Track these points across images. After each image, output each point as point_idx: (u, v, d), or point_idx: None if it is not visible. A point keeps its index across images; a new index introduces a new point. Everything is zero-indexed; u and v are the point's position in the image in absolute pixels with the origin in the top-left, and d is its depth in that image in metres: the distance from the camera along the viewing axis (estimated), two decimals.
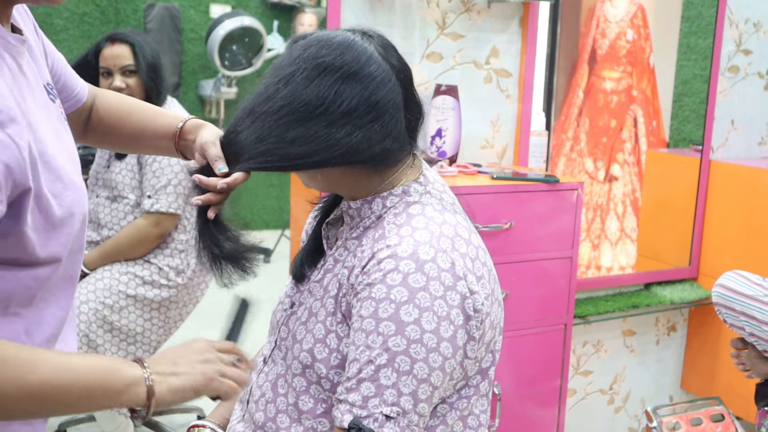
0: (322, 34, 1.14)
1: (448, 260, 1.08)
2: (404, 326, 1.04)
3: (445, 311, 1.06)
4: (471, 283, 1.09)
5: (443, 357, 1.06)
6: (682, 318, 2.92)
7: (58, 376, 0.89)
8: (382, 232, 1.13)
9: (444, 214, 1.14)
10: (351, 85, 1.09)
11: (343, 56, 1.10)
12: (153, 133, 1.32)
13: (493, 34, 2.34)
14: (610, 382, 2.81)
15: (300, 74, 1.09)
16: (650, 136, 2.88)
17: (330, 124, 1.09)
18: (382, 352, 1.05)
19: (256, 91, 1.13)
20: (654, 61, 2.80)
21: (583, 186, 2.21)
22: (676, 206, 2.90)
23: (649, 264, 2.87)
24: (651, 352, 2.87)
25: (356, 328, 1.08)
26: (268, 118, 1.10)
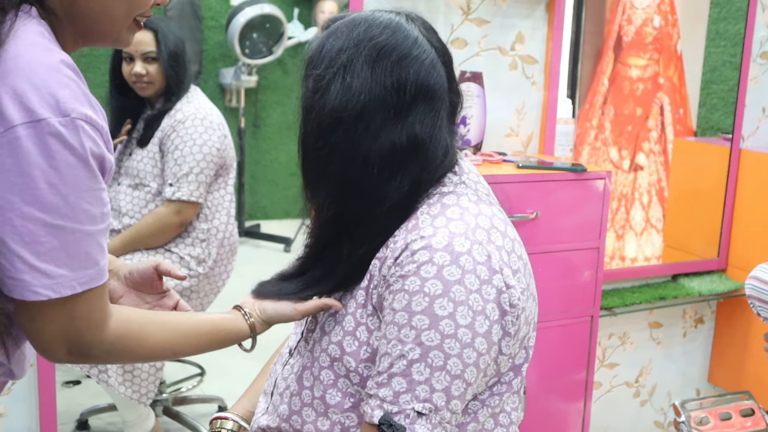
0: (364, 14, 1.11)
1: (484, 253, 1.04)
2: (438, 320, 1.01)
3: (480, 306, 1.02)
4: (507, 277, 1.06)
5: (478, 353, 1.03)
6: (710, 310, 2.87)
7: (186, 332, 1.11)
8: (415, 222, 1.09)
9: (479, 205, 1.11)
10: (405, 69, 1.07)
11: (395, 36, 1.08)
12: None
13: (519, 20, 2.29)
14: (636, 375, 2.76)
15: (358, 59, 1.06)
16: (677, 125, 2.82)
17: (396, 112, 1.07)
18: (414, 347, 1.01)
19: (312, 86, 1.09)
20: (681, 47, 2.74)
21: (610, 175, 2.17)
22: (704, 196, 2.84)
23: (676, 255, 2.82)
24: (678, 345, 2.82)
25: (388, 321, 1.05)
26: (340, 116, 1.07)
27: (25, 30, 0.91)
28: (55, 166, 0.88)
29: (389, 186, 1.09)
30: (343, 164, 1.08)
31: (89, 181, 0.91)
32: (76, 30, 0.99)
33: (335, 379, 1.13)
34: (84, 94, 0.91)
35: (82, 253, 0.92)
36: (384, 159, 1.08)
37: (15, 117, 0.86)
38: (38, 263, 0.89)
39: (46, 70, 0.89)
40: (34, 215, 0.88)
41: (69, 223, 0.90)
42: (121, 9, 0.99)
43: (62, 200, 0.89)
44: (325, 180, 1.11)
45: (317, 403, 1.14)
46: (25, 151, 0.86)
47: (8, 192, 0.87)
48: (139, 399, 2.36)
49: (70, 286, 0.92)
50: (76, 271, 0.92)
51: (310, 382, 1.16)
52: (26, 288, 0.90)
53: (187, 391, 2.98)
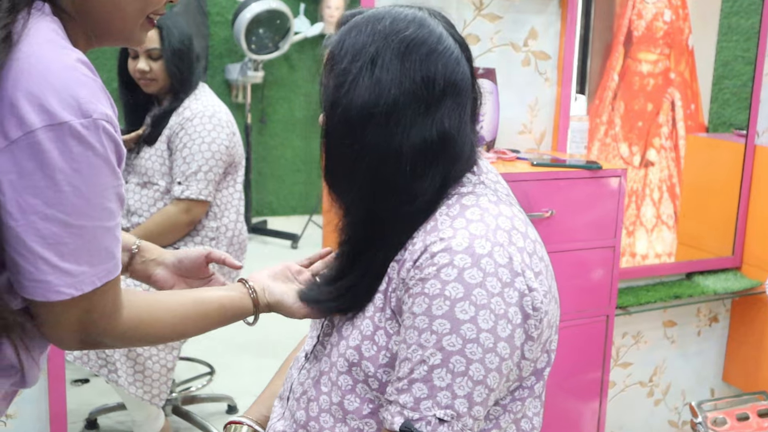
0: (385, 9, 1.09)
1: (505, 255, 1.01)
2: (459, 324, 0.98)
3: (502, 309, 0.99)
4: (529, 280, 1.03)
5: (500, 358, 1.00)
6: (725, 308, 2.84)
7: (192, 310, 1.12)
8: (434, 224, 1.06)
9: (499, 206, 1.08)
10: (434, 63, 1.04)
11: (421, 30, 1.06)
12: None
13: (532, 15, 2.26)
14: (650, 374, 2.73)
15: (386, 53, 1.04)
16: (688, 120, 2.79)
17: (427, 107, 1.05)
18: (435, 352, 0.99)
19: (335, 81, 1.06)
20: (693, 42, 2.70)
21: (626, 173, 2.14)
22: (717, 193, 2.81)
23: (690, 253, 2.79)
24: (692, 344, 2.79)
25: (408, 326, 1.02)
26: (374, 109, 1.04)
27: (39, 28, 0.89)
28: (78, 169, 0.87)
29: (421, 184, 1.06)
30: (375, 162, 1.05)
31: (110, 178, 0.91)
32: (89, 29, 0.97)
33: (353, 385, 1.10)
34: (102, 90, 0.90)
35: (102, 248, 0.92)
36: (416, 155, 1.05)
37: (34, 120, 0.85)
38: (62, 263, 0.89)
39: (63, 70, 0.87)
40: (58, 217, 0.87)
41: (91, 222, 0.90)
42: (133, 7, 0.97)
43: (85, 202, 0.88)
44: (356, 178, 1.07)
45: (335, 408, 1.11)
46: (47, 154, 0.85)
47: (31, 196, 0.86)
48: (151, 400, 2.34)
49: (91, 282, 0.92)
50: (96, 266, 0.92)
51: (327, 387, 1.13)
52: (49, 289, 0.90)
53: (197, 390, 2.96)
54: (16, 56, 0.86)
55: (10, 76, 0.85)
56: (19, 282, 0.90)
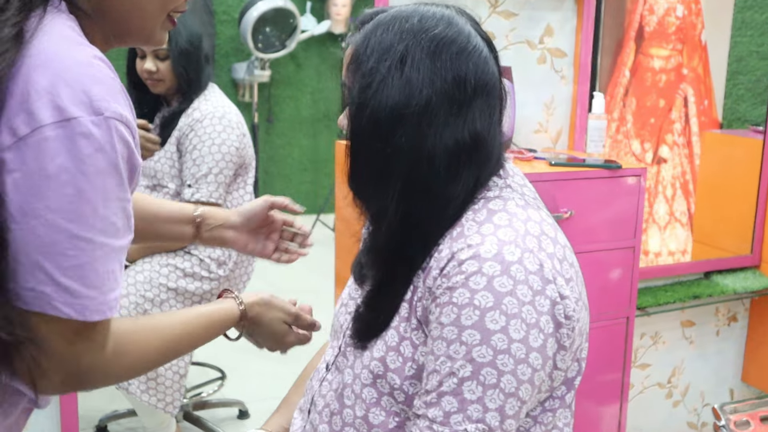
0: (411, 7, 1.05)
1: (536, 261, 0.97)
2: (490, 335, 0.94)
3: (534, 318, 0.96)
4: (561, 287, 0.99)
5: (532, 369, 0.96)
6: (743, 308, 2.79)
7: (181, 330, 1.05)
8: (460, 230, 1.02)
9: (527, 210, 1.04)
10: (465, 62, 1.01)
11: (451, 29, 1.02)
12: (163, 217, 1.34)
13: (547, 12, 2.22)
14: (669, 375, 2.69)
15: (416, 52, 1.00)
16: (701, 117, 2.75)
17: (459, 107, 1.01)
18: (465, 364, 0.95)
19: (361, 82, 1.02)
20: (706, 37, 2.66)
21: (645, 172, 2.09)
22: (735, 190, 2.76)
23: (707, 251, 2.74)
24: (710, 344, 2.75)
25: (435, 337, 0.98)
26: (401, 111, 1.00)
27: (54, 24, 0.85)
28: (84, 171, 0.80)
29: (454, 187, 1.03)
30: (407, 165, 1.01)
31: (117, 189, 0.84)
32: (107, 28, 0.93)
33: (378, 398, 1.06)
34: (120, 91, 0.85)
35: (110, 272, 0.84)
36: (449, 158, 1.01)
37: (44, 116, 0.79)
38: (61, 278, 0.81)
39: (78, 65, 0.82)
40: (60, 224, 0.80)
41: (97, 235, 0.82)
42: (153, 5, 0.93)
43: (91, 209, 0.81)
44: (387, 184, 1.03)
45: (359, 422, 1.08)
46: (53, 153, 0.79)
47: (33, 197, 0.80)
48: (164, 408, 2.30)
49: (99, 311, 0.84)
50: (106, 293, 0.84)
51: (351, 400, 1.09)
52: (46, 301, 0.82)
53: (208, 396, 2.93)
54: (29, 53, 0.82)
55: (21, 72, 0.81)
56: (17, 291, 0.82)
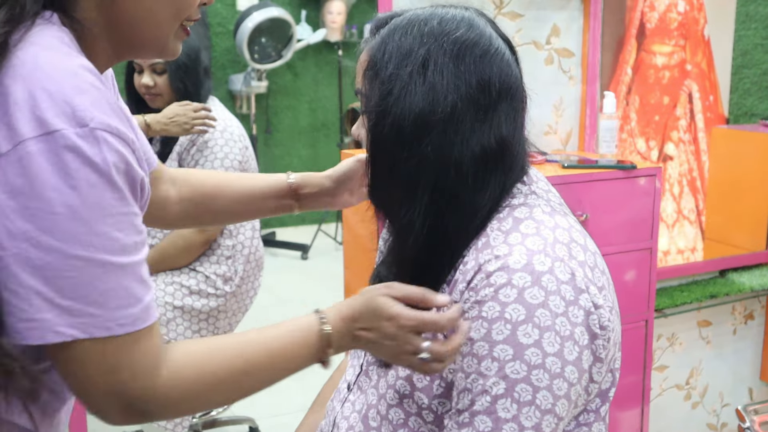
0: (428, 10, 1.01)
1: (567, 270, 0.93)
2: (523, 349, 0.90)
3: (568, 330, 0.91)
4: (594, 296, 0.94)
5: (568, 383, 0.91)
6: (760, 305, 2.75)
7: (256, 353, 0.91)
8: (486, 240, 0.97)
9: (554, 217, 0.99)
10: (488, 65, 0.96)
11: (472, 31, 0.98)
12: (260, 194, 1.28)
13: (553, 12, 2.17)
14: (687, 377, 2.64)
15: (439, 56, 0.95)
16: (707, 112, 2.70)
17: (484, 112, 0.97)
18: (498, 381, 0.90)
19: (381, 89, 0.97)
20: (709, 32, 2.62)
21: (660, 171, 2.05)
22: (747, 186, 2.72)
23: (720, 249, 2.70)
24: (728, 343, 2.70)
25: (465, 353, 0.93)
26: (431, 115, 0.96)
27: (41, 35, 0.79)
28: (74, 186, 0.75)
29: (482, 195, 0.99)
30: (434, 174, 0.96)
31: (116, 202, 0.78)
32: (117, 40, 0.88)
33: (406, 418, 1.02)
34: (107, 102, 0.78)
35: (118, 288, 0.79)
36: (476, 165, 0.97)
37: (25, 130, 0.74)
38: (61, 300, 0.76)
39: (61, 74, 0.76)
40: (52, 245, 0.75)
41: (95, 253, 0.76)
42: (166, 12, 0.87)
43: (84, 226, 0.76)
44: (415, 194, 0.98)
45: None
46: (38, 169, 0.74)
47: (21, 218, 0.74)
48: (174, 428, 2.25)
49: (105, 327, 0.78)
50: (112, 310, 0.78)
51: (377, 422, 1.04)
52: (48, 328, 0.76)
53: (217, 414, 2.87)
54: (11, 63, 0.76)
55: (2, 83, 0.75)
56: (12, 324, 0.77)
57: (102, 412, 0.84)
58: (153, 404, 0.84)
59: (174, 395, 0.85)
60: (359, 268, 2.15)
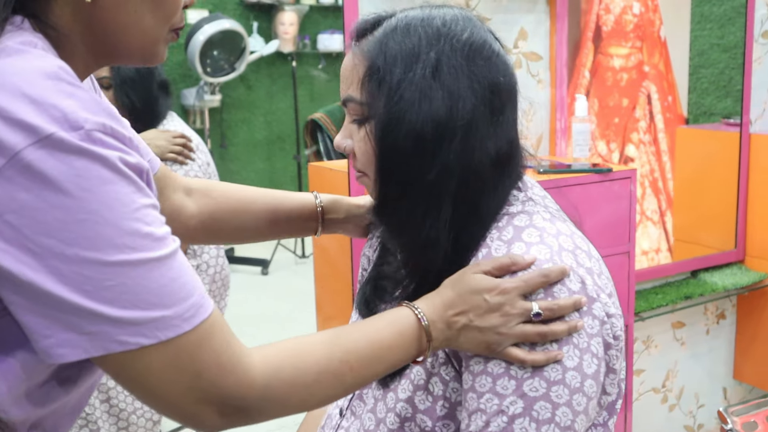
0: (427, 11, 0.95)
1: (577, 279, 0.89)
2: (543, 365, 0.86)
3: (585, 342, 0.88)
4: (606, 305, 0.91)
5: (587, 398, 0.87)
6: (731, 304, 2.75)
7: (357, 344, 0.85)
8: (487, 251, 0.93)
9: (556, 224, 0.95)
10: (495, 67, 0.93)
11: (476, 32, 0.94)
12: (286, 214, 1.19)
13: (520, 15, 2.14)
14: (663, 380, 2.62)
15: (451, 57, 0.90)
16: (666, 113, 2.71)
17: (495, 115, 0.93)
18: (516, 399, 0.86)
19: (390, 95, 0.91)
20: (665, 33, 2.62)
21: (635, 173, 2.02)
22: (714, 186, 2.72)
23: (690, 249, 2.69)
24: (701, 343, 2.69)
25: (476, 372, 0.88)
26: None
27: (12, 41, 0.71)
28: (88, 188, 0.67)
29: (496, 202, 0.95)
30: (457, 183, 0.91)
31: (135, 195, 0.70)
32: (95, 47, 0.80)
33: None
34: (95, 101, 0.70)
35: (170, 282, 0.71)
36: (494, 170, 0.93)
37: (15, 141, 0.65)
38: (115, 311, 0.68)
39: (40, 78, 0.68)
40: (85, 256, 0.67)
41: (132, 254, 0.69)
42: (152, 18, 0.80)
43: (113, 228, 0.68)
44: (440, 204, 0.92)
45: None
46: (44, 177, 0.66)
47: (40, 235, 0.66)
48: None
49: (173, 326, 0.71)
50: (172, 306, 0.71)
51: None
52: (108, 339, 0.69)
53: None
54: None
55: None
56: (50, 350, 0.68)
57: (196, 419, 0.75)
58: (251, 398, 0.76)
59: (274, 385, 0.78)
60: (330, 282, 2.09)
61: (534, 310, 0.87)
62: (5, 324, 0.72)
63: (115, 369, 0.72)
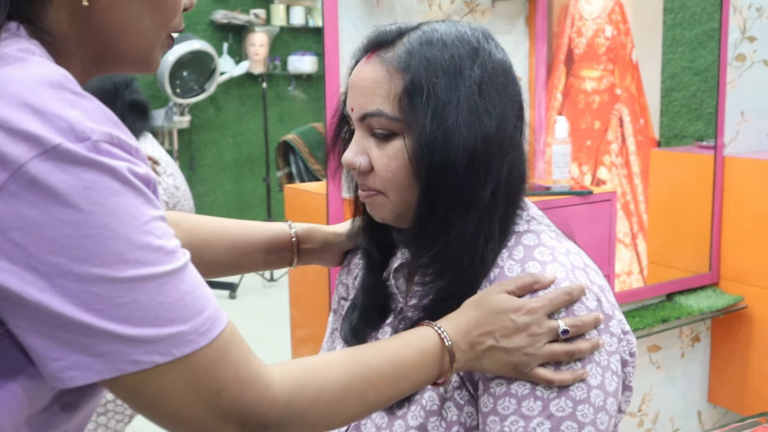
0: (454, 26, 0.94)
1: (593, 297, 0.89)
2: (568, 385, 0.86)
3: (605, 360, 0.87)
4: (621, 322, 0.92)
5: (609, 416, 0.87)
6: (705, 327, 2.75)
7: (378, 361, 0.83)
8: (499, 270, 0.92)
9: (563, 242, 0.96)
10: (515, 83, 0.94)
11: (499, 48, 0.95)
12: (262, 246, 1.15)
13: (500, 36, 2.09)
14: (639, 403, 2.61)
15: (494, 72, 0.90)
16: (638, 135, 2.72)
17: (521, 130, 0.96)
18: (543, 421, 0.85)
19: (438, 109, 0.88)
20: (637, 56, 2.64)
21: (615, 196, 2.01)
22: (688, 208, 2.73)
23: (665, 272, 2.69)
24: (676, 367, 2.69)
25: (498, 394, 0.87)
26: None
27: (9, 49, 0.68)
28: (98, 201, 0.63)
29: (514, 219, 0.96)
30: (504, 200, 0.92)
31: (145, 207, 0.67)
32: (93, 53, 0.76)
33: None
34: (101, 110, 0.67)
35: (183, 296, 0.68)
36: (523, 186, 0.96)
37: (18, 153, 0.61)
38: (129, 330, 0.65)
39: (43, 87, 0.64)
40: (95, 274, 0.64)
41: (146, 269, 0.65)
42: (151, 21, 0.76)
43: (124, 243, 0.65)
44: (492, 222, 0.91)
45: None
46: (51, 191, 0.62)
47: (48, 253, 0.63)
48: None
49: (189, 342, 0.67)
50: (189, 320, 0.67)
51: None
52: (122, 359, 0.65)
53: None
54: None
55: None
56: (60, 374, 0.65)
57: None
58: (273, 415, 0.73)
59: (297, 401, 0.75)
60: (306, 304, 2.05)
61: (561, 327, 0.86)
62: (5, 348, 0.68)
63: (127, 391, 0.68)
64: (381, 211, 0.96)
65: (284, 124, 5.32)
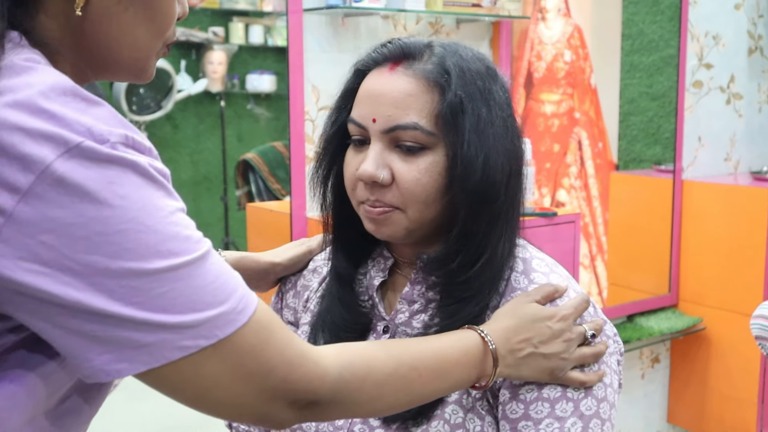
0: (467, 46, 0.95)
1: (591, 302, 0.95)
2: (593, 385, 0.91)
3: (609, 360, 0.93)
4: (610, 324, 0.96)
5: (615, 411, 0.94)
6: (665, 348, 2.78)
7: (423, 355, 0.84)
8: (506, 284, 0.95)
9: (543, 253, 0.99)
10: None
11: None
12: None
13: None
14: None
15: (508, 94, 0.93)
16: (597, 159, 2.75)
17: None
18: (576, 421, 0.88)
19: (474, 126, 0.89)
20: (595, 81, 2.68)
21: (579, 217, 2.02)
22: (647, 231, 2.77)
23: (625, 294, 2.72)
24: (637, 388, 2.70)
25: (530, 400, 0.89)
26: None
27: (17, 57, 0.67)
28: (125, 195, 0.64)
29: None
30: (518, 216, 0.95)
31: (168, 200, 0.68)
32: (88, 61, 0.75)
33: None
34: (113, 114, 0.67)
35: (216, 279, 0.68)
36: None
37: (43, 153, 0.61)
38: (172, 318, 0.65)
39: (57, 94, 0.64)
40: (130, 268, 0.64)
41: (178, 258, 0.66)
42: (146, 31, 0.75)
43: (155, 235, 0.65)
44: (513, 240, 0.94)
45: None
46: (79, 190, 0.62)
47: (82, 252, 0.62)
48: None
49: (230, 321, 0.68)
50: (226, 301, 0.68)
51: None
52: (169, 347, 0.66)
53: None
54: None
55: None
56: (107, 366, 0.65)
57: (268, 418, 0.74)
58: (323, 391, 0.74)
59: (347, 378, 0.76)
60: None
61: (589, 332, 0.90)
62: (9, 347, 0.68)
63: (176, 382, 0.68)
64: (391, 228, 0.92)
65: (242, 143, 5.27)
